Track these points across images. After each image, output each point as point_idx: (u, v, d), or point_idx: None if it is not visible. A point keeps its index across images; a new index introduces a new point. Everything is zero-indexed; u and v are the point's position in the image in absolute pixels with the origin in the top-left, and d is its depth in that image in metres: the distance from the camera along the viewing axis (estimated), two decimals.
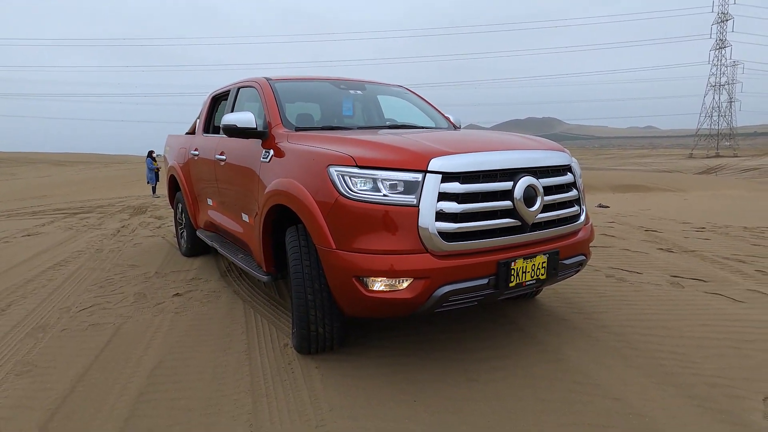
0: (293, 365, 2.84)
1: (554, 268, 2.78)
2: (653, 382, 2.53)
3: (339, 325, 2.84)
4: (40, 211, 11.79)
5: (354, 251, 2.47)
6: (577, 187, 3.01)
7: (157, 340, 3.26)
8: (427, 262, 2.43)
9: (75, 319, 3.73)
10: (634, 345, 2.95)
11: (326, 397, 2.49)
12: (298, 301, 2.76)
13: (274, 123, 3.46)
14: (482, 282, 2.53)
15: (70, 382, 2.74)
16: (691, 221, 8.17)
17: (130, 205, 12.17)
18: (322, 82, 4.17)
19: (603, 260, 5.01)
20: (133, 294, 4.29)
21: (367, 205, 2.46)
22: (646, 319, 3.34)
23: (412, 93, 4.56)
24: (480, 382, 2.58)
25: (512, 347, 2.99)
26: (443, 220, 2.44)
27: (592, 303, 3.69)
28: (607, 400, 2.38)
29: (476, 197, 2.53)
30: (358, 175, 2.51)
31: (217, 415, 2.37)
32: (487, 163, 2.58)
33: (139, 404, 2.49)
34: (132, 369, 2.87)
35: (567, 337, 3.10)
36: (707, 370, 2.63)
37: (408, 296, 2.43)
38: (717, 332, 3.11)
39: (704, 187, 21.54)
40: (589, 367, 2.70)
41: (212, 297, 4.14)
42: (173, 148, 5.77)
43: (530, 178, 2.65)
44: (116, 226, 8.34)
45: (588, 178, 23.30)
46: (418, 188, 2.45)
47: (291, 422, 2.29)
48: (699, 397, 2.38)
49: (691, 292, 3.94)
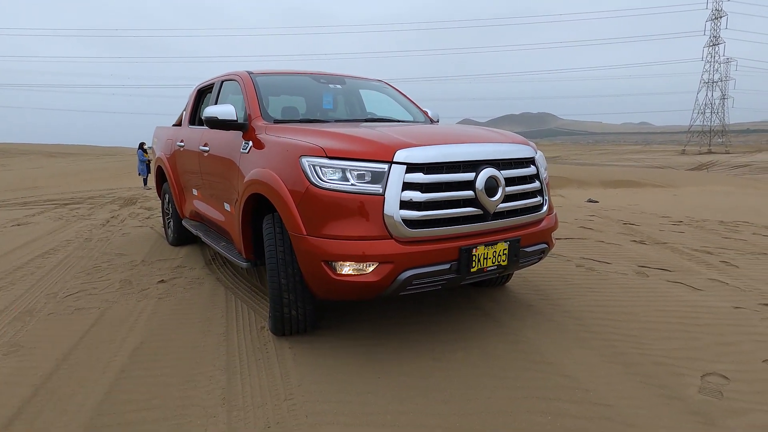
0: (268, 346, 2.99)
1: (515, 255, 2.94)
2: (603, 362, 2.70)
3: (312, 308, 3.00)
4: (31, 202, 11.85)
5: (323, 237, 2.62)
6: (540, 179, 3.17)
7: (140, 324, 3.41)
8: (391, 247, 2.58)
9: (61, 303, 3.86)
10: (591, 329, 3.12)
11: (297, 373, 2.64)
12: (273, 285, 2.92)
13: (253, 115, 3.59)
14: (444, 267, 2.69)
15: (55, 361, 2.88)
16: (671, 215, 8.37)
17: (121, 197, 12.25)
18: (303, 77, 4.30)
19: (577, 251, 5.19)
20: (119, 281, 4.43)
21: (336, 193, 2.61)
22: (606, 305, 3.51)
23: (392, 87, 4.70)
24: (442, 361, 2.75)
25: (477, 330, 3.15)
26: (407, 208, 2.60)
27: (559, 290, 3.87)
28: (558, 376, 2.55)
29: (440, 187, 2.68)
30: (328, 165, 2.66)
31: (194, 390, 2.52)
32: (451, 155, 2.74)
33: (120, 380, 2.64)
34: (115, 349, 3.02)
35: (530, 321, 3.27)
36: (655, 350, 2.81)
37: (373, 279, 2.59)
38: (671, 317, 3.29)
39: (694, 183, 21.77)
40: (546, 348, 2.87)
41: (196, 284, 4.28)
42: (160, 140, 5.89)
43: (492, 169, 2.81)
44: (106, 217, 8.44)
45: (580, 174, 23.52)
46: (384, 178, 2.61)
47: (261, 396, 2.44)
48: (643, 374, 2.55)
49: (655, 280, 4.12)
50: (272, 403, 2.38)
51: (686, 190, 18.04)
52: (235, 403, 2.39)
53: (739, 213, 9.07)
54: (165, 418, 2.28)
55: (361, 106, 4.61)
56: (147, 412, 2.33)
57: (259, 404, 2.37)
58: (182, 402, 2.41)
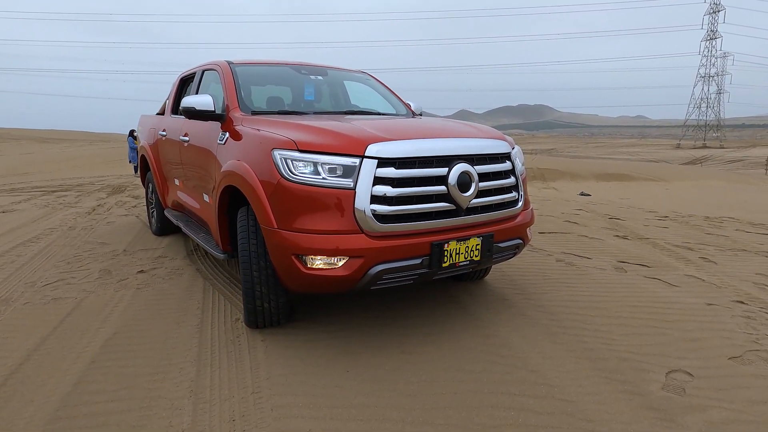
0: (241, 338, 3.00)
1: (489, 251, 2.95)
2: (571, 357, 2.73)
3: (284, 301, 3.00)
4: (19, 189, 11.77)
5: (294, 231, 2.62)
6: (516, 175, 3.17)
7: (115, 314, 3.41)
8: (362, 242, 2.59)
9: (39, 293, 3.86)
10: (563, 324, 3.15)
11: (266, 366, 2.66)
12: (245, 278, 2.92)
13: (231, 106, 3.57)
14: (416, 262, 2.70)
15: (26, 351, 2.88)
16: (658, 210, 8.42)
17: (110, 184, 12.19)
18: (284, 67, 4.27)
19: (559, 245, 5.21)
20: (99, 270, 4.42)
21: (307, 187, 2.61)
22: (581, 301, 3.54)
23: (374, 79, 4.68)
24: (413, 354, 2.77)
25: (450, 323, 3.18)
26: (378, 203, 2.60)
27: (536, 285, 3.89)
28: (525, 371, 2.57)
29: (412, 182, 2.69)
30: (299, 158, 2.65)
31: (162, 381, 2.53)
32: (423, 150, 2.73)
33: (90, 370, 2.65)
34: (88, 339, 3.02)
35: (504, 315, 3.30)
36: (623, 346, 2.84)
37: (343, 273, 2.59)
38: (643, 313, 3.32)
39: (687, 178, 21.89)
40: (515, 342, 2.90)
41: (175, 274, 4.28)
42: (144, 128, 5.85)
43: (465, 164, 2.81)
44: (92, 205, 8.40)
45: (573, 167, 23.63)
46: (356, 172, 2.60)
47: (229, 388, 2.46)
48: (608, 369, 2.58)
49: (632, 276, 4.15)
50: (239, 395, 2.39)
51: (678, 185, 18.15)
52: (202, 395, 2.40)
53: (726, 208, 9.14)
54: (131, 409, 2.29)
55: (345, 97, 4.59)
56: (114, 404, 2.34)
57: (226, 397, 2.38)
58: (150, 393, 2.42)
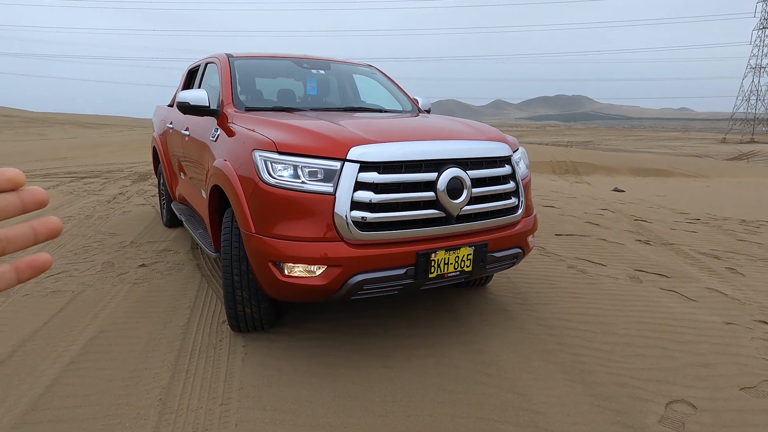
0: (223, 342, 2.93)
1: (482, 261, 2.77)
2: (565, 379, 2.54)
3: (267, 306, 2.91)
4: (52, 174, 12.13)
5: (271, 236, 2.51)
6: (517, 179, 2.97)
7: (106, 311, 3.39)
8: (341, 250, 2.46)
9: (40, 284, 3.89)
10: (562, 340, 2.95)
11: (241, 375, 2.57)
12: (226, 281, 2.83)
13: (225, 102, 3.48)
14: (400, 272, 2.55)
15: (12, 347, 2.89)
16: (690, 211, 7.96)
17: (138, 171, 12.41)
18: (285, 61, 4.15)
19: (573, 249, 4.95)
20: (102, 263, 4.44)
21: (285, 191, 2.49)
22: (586, 314, 3.32)
23: (381, 73, 4.50)
24: (393, 369, 2.63)
25: (441, 335, 3.02)
26: (359, 209, 2.45)
27: (540, 294, 3.68)
28: (511, 394, 2.40)
29: (397, 187, 2.53)
30: (279, 161, 2.53)
31: (134, 387, 2.48)
32: (410, 154, 2.57)
33: (66, 372, 2.62)
34: (73, 337, 3.01)
35: (499, 328, 3.12)
36: (623, 369, 2.63)
37: (321, 283, 2.47)
38: (652, 331, 3.08)
39: (730, 174, 20.81)
40: (507, 360, 2.72)
41: (175, 269, 4.26)
42: (157, 119, 5.85)
43: (456, 169, 2.63)
44: (114, 193, 8.55)
45: (609, 160, 22.74)
46: (336, 176, 2.46)
47: (198, 398, 2.38)
48: (602, 396, 2.38)
49: (647, 287, 3.88)
50: (207, 407, 2.31)
51: (720, 182, 17.23)
52: (170, 404, 2.33)
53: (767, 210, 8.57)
54: (96, 417, 2.24)
55: (350, 92, 4.44)
56: (81, 409, 2.30)
57: (193, 408, 2.31)
58: (118, 400, 2.36)
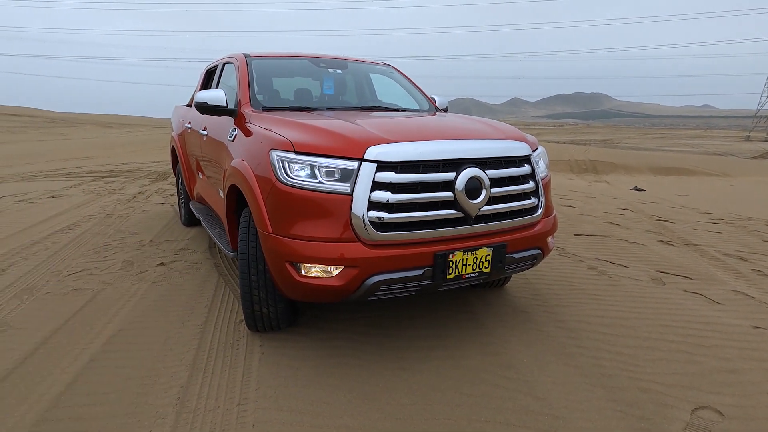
0: (240, 342, 2.93)
1: (500, 262, 2.73)
2: (585, 383, 2.48)
3: (284, 306, 2.90)
4: (74, 173, 12.35)
5: (288, 237, 2.50)
6: (536, 179, 2.92)
7: (125, 309, 3.42)
8: (358, 251, 2.44)
9: (61, 283, 3.95)
10: (582, 343, 2.89)
11: (258, 376, 2.57)
12: (243, 281, 2.84)
13: (243, 101, 3.48)
14: (417, 273, 2.52)
15: (35, 343, 2.93)
16: (713, 211, 7.78)
17: (157, 171, 12.57)
18: (302, 60, 4.15)
19: (594, 250, 4.87)
20: (122, 261, 4.49)
21: (302, 191, 2.48)
22: (607, 317, 3.25)
23: (398, 72, 4.48)
24: (410, 371, 2.60)
25: (458, 337, 2.98)
26: (377, 209, 2.43)
27: (560, 296, 3.62)
28: (530, 398, 2.36)
29: (414, 187, 2.50)
30: (296, 160, 2.52)
31: (152, 386, 2.50)
32: (428, 153, 2.54)
33: (86, 369, 2.65)
34: (93, 335, 3.04)
35: (518, 330, 3.07)
36: (646, 374, 2.56)
37: (338, 284, 2.46)
38: (676, 335, 3.00)
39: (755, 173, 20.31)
40: (525, 362, 2.68)
41: (192, 269, 4.29)
42: (176, 119, 5.90)
43: (475, 169, 2.59)
44: (134, 192, 8.67)
45: (629, 159, 22.36)
46: (353, 176, 2.45)
47: (216, 398, 2.39)
48: (625, 401, 2.33)
49: (670, 289, 3.79)
50: (224, 407, 2.32)
51: (744, 181, 16.81)
52: (188, 404, 2.34)
53: None
54: (115, 415, 2.26)
55: (366, 91, 4.42)
56: (100, 407, 2.32)
57: (211, 407, 2.31)
58: (137, 399, 2.38)
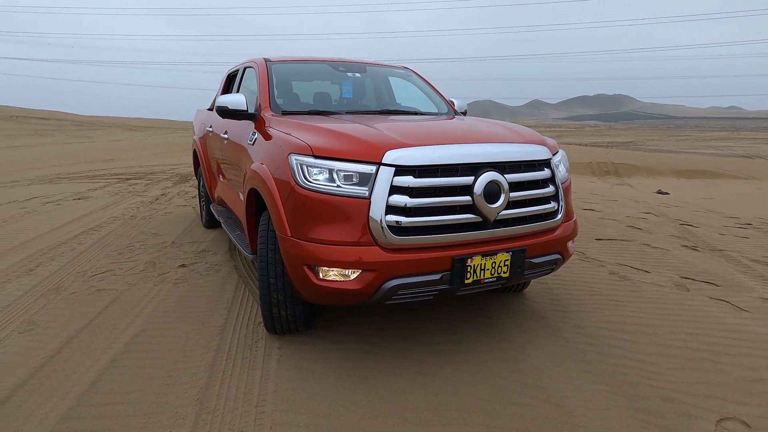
0: (259, 344, 2.96)
1: (519, 267, 2.71)
2: (606, 391, 2.44)
3: (302, 309, 2.92)
4: (99, 175, 12.64)
5: (306, 240, 2.52)
6: (556, 183, 2.89)
7: (148, 310, 3.49)
8: (375, 254, 2.44)
9: (87, 283, 4.04)
10: (602, 350, 2.84)
11: (276, 378, 2.59)
12: (262, 284, 2.86)
13: (263, 106, 3.52)
14: (435, 278, 2.51)
15: (60, 342, 3.01)
16: (740, 215, 7.58)
17: (179, 173, 12.78)
18: (321, 64, 4.17)
19: (615, 255, 4.79)
20: (145, 262, 4.58)
21: (321, 195, 2.49)
22: (629, 323, 3.19)
23: (416, 75, 4.48)
24: (427, 376, 2.60)
25: (477, 342, 2.96)
26: (395, 213, 2.43)
27: (580, 301, 3.57)
28: (549, 405, 2.33)
29: (432, 191, 2.50)
30: (314, 164, 2.54)
31: (173, 386, 2.53)
32: (446, 157, 2.53)
33: (109, 369, 2.70)
34: (116, 335, 3.10)
35: (536, 335, 3.03)
36: (670, 383, 2.51)
37: (356, 287, 2.46)
38: (700, 342, 2.94)
39: None
40: (544, 369, 2.64)
41: (213, 270, 4.34)
42: (198, 123, 6.00)
43: (493, 173, 2.58)
44: (156, 194, 8.83)
45: (652, 161, 21.93)
46: (371, 180, 2.45)
47: (235, 399, 2.41)
48: (647, 411, 2.28)
49: (695, 296, 3.71)
50: (243, 408, 2.34)
51: None
52: (207, 405, 2.37)
53: None
54: (136, 414, 2.30)
55: (385, 95, 4.43)
56: (122, 407, 2.36)
57: (230, 408, 2.34)
58: (157, 399, 2.42)
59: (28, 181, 10.94)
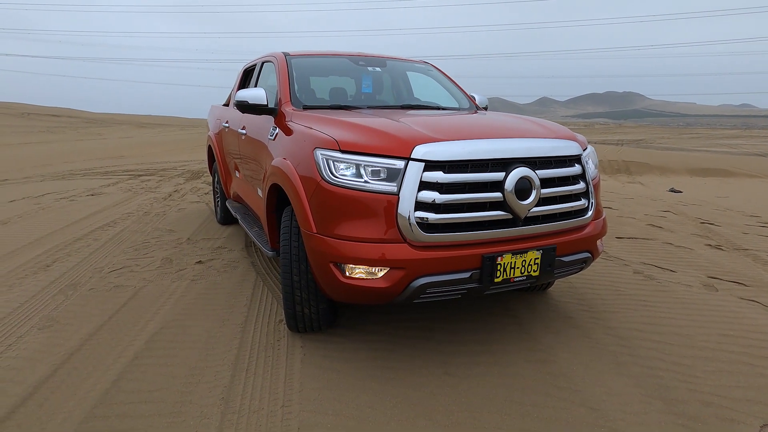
0: (281, 342, 2.91)
1: (549, 265, 2.63)
2: (641, 394, 2.36)
3: (325, 307, 2.87)
4: (111, 172, 12.67)
5: (333, 237, 2.46)
6: (587, 180, 2.81)
7: (167, 306, 3.45)
8: (404, 252, 2.38)
9: (104, 279, 4.01)
10: (634, 351, 2.76)
11: (301, 376, 2.54)
12: (285, 282, 2.81)
13: (283, 100, 3.47)
14: (464, 276, 2.44)
15: (80, 339, 2.97)
16: (761, 214, 7.44)
17: (190, 169, 12.78)
18: (341, 59, 4.11)
19: (638, 254, 4.69)
20: (161, 259, 4.54)
21: (348, 191, 2.43)
22: (659, 324, 3.11)
23: (437, 70, 4.40)
24: (456, 377, 2.53)
25: (504, 342, 2.89)
26: (424, 209, 2.37)
27: (607, 301, 3.48)
28: (583, 408, 2.26)
29: (462, 187, 2.43)
30: (341, 159, 2.48)
31: (196, 385, 2.49)
32: (477, 152, 2.46)
33: (131, 367, 2.66)
34: (136, 332, 3.06)
35: (565, 336, 2.96)
36: (708, 386, 2.43)
37: (383, 285, 2.40)
38: (736, 344, 2.85)
39: None
40: (576, 371, 2.57)
41: (230, 267, 4.30)
42: (212, 119, 5.96)
43: (525, 169, 2.50)
44: (169, 190, 8.81)
45: (664, 159, 21.69)
46: (400, 176, 2.39)
47: (260, 399, 2.36)
48: (687, 415, 2.20)
49: (725, 296, 3.61)
50: (269, 408, 2.29)
51: None
52: (232, 404, 2.32)
53: None
54: (161, 413, 2.26)
55: (406, 90, 4.36)
56: (146, 406, 2.32)
57: (255, 408, 2.29)
58: (182, 398, 2.37)
59: (40, 177, 10.98)
